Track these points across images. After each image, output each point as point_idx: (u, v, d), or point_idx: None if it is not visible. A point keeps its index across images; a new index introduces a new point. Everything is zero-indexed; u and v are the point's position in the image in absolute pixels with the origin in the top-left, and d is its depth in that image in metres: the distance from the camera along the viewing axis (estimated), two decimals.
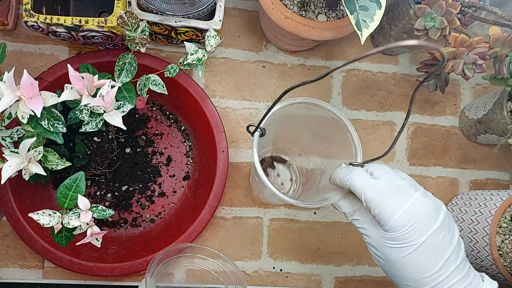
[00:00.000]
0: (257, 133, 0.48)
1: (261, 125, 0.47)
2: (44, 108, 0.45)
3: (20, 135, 0.50)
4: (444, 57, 0.34)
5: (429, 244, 0.40)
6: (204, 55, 0.55)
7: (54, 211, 0.47)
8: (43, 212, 0.47)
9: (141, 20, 0.54)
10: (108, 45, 0.62)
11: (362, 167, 0.47)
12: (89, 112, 0.50)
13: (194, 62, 0.55)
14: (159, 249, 0.61)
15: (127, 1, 0.58)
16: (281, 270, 0.68)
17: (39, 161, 0.49)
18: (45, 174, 0.48)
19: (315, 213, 0.70)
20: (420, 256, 0.41)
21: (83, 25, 0.54)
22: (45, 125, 0.47)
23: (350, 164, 0.49)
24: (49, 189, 0.64)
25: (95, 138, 0.59)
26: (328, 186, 0.51)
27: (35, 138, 0.47)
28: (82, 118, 0.50)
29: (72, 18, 0.54)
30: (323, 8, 0.62)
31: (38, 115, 0.44)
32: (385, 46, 0.31)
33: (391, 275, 0.44)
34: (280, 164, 0.67)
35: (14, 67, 0.47)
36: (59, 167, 0.51)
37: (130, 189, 0.66)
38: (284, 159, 0.68)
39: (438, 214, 0.41)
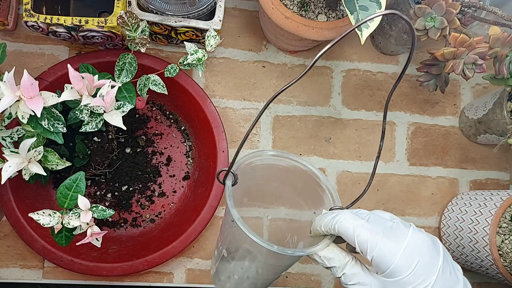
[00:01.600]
0: (229, 182, 0.43)
1: (233, 170, 0.42)
2: (44, 108, 0.45)
3: (20, 135, 0.50)
4: (414, 33, 0.31)
5: (439, 283, 0.36)
6: (204, 55, 0.55)
7: (54, 211, 0.47)
8: (43, 212, 0.47)
9: (141, 20, 0.54)
10: (108, 45, 0.62)
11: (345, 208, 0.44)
12: (89, 112, 0.50)
13: (194, 62, 0.55)
14: (159, 249, 0.61)
15: (127, 1, 0.58)
16: None
17: (39, 161, 0.49)
18: (45, 174, 0.48)
19: (314, 213, 0.70)
20: None
21: (83, 25, 0.54)
22: (45, 125, 0.47)
23: (330, 209, 0.45)
24: (49, 189, 0.64)
25: (95, 138, 0.59)
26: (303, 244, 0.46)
27: (35, 138, 0.47)
28: (82, 118, 0.50)
29: (72, 18, 0.54)
30: (323, 8, 0.62)
31: (38, 115, 0.44)
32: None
33: None
34: None
35: (14, 67, 0.47)
36: (59, 167, 0.51)
37: (130, 189, 0.66)
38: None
39: (437, 248, 0.38)
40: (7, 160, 0.45)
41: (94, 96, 0.48)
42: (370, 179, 0.42)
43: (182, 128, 0.69)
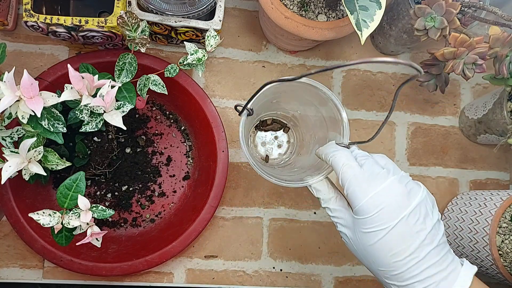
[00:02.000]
0: (244, 113, 0.49)
1: (248, 106, 0.49)
2: (44, 108, 0.45)
3: (20, 135, 0.50)
4: (420, 71, 0.36)
5: (400, 228, 0.41)
6: (204, 55, 0.55)
7: (54, 211, 0.47)
8: (43, 212, 0.47)
9: (141, 20, 0.54)
10: (108, 45, 0.62)
11: (348, 148, 0.48)
12: (89, 112, 0.50)
13: (194, 62, 0.55)
14: (159, 249, 0.61)
15: (127, 1, 0.58)
16: (281, 270, 0.69)
17: (39, 161, 0.49)
18: (45, 174, 0.48)
19: (315, 213, 0.70)
20: (391, 241, 0.41)
21: (83, 25, 0.54)
22: (45, 125, 0.47)
23: (336, 144, 0.51)
24: (49, 189, 0.64)
25: (95, 138, 0.59)
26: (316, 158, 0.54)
27: (35, 138, 0.47)
28: (82, 118, 0.50)
29: (72, 18, 0.54)
30: (323, 8, 0.62)
31: (38, 115, 0.44)
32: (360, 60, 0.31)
33: (365, 261, 0.44)
34: (279, 126, 0.70)
35: (14, 67, 0.47)
36: (59, 167, 0.51)
37: (130, 189, 0.66)
38: (283, 122, 0.70)
39: (411, 199, 0.42)
40: (7, 160, 0.45)
41: (94, 96, 0.48)
42: (379, 127, 0.46)
43: (182, 128, 0.69)
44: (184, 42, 0.57)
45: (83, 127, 0.50)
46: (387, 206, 0.41)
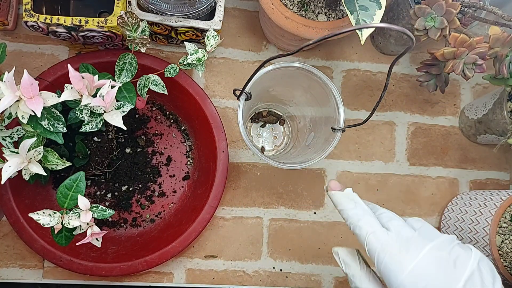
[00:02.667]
0: (242, 97, 0.50)
1: (246, 90, 0.50)
2: (44, 108, 0.45)
3: (20, 135, 0.50)
4: (412, 39, 0.35)
5: None
6: (204, 55, 0.55)
7: (54, 211, 0.47)
8: (43, 212, 0.47)
9: (141, 20, 0.54)
10: (108, 45, 0.62)
11: (343, 131, 0.48)
12: (89, 112, 0.50)
13: (194, 62, 0.55)
14: (159, 249, 0.61)
15: (127, 1, 0.58)
16: (281, 270, 0.68)
17: (39, 161, 0.49)
18: (45, 174, 0.48)
19: (315, 213, 0.70)
20: None
21: (83, 25, 0.54)
22: (45, 125, 0.47)
23: (331, 128, 0.52)
24: (49, 189, 0.64)
25: (95, 138, 0.59)
26: (314, 145, 0.55)
27: (35, 138, 0.47)
28: (82, 118, 0.50)
29: (72, 18, 0.54)
30: (323, 8, 0.62)
31: (38, 115, 0.44)
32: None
33: None
34: (274, 118, 0.71)
35: (14, 67, 0.47)
36: (59, 167, 0.51)
37: (130, 189, 0.66)
38: (279, 114, 0.71)
39: (459, 271, 0.33)
40: (7, 160, 0.45)
41: (94, 96, 0.48)
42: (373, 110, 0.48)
43: (182, 128, 0.69)
44: (184, 42, 0.57)
45: (83, 127, 0.50)
46: (430, 283, 0.33)
